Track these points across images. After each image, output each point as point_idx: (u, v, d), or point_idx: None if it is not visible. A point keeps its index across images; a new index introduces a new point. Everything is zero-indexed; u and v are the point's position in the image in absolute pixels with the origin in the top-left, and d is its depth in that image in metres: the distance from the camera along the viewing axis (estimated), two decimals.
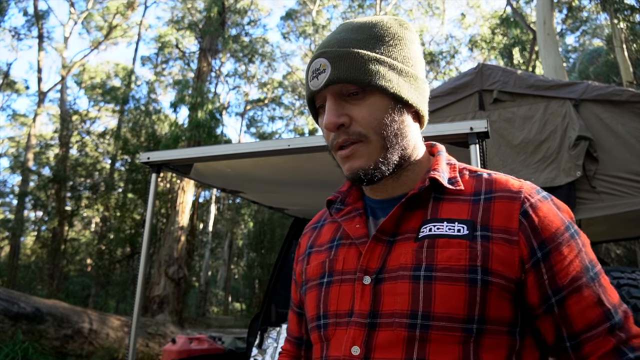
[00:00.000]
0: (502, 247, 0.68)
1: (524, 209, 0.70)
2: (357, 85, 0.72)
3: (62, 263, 14.72)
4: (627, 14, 11.21)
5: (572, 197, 3.34)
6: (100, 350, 6.80)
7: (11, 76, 18.36)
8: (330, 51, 0.73)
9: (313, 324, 0.80)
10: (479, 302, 0.66)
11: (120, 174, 17.23)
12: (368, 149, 0.73)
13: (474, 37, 18.75)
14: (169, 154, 2.64)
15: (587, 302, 0.67)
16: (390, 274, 0.71)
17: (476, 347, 0.66)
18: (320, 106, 0.78)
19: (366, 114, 0.73)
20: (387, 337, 0.68)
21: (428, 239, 0.71)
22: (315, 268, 0.82)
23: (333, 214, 0.84)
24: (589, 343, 0.67)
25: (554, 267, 0.68)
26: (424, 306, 0.67)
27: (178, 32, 16.40)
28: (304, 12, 21.31)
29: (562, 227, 0.70)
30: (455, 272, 0.67)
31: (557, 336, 0.69)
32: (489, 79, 3.78)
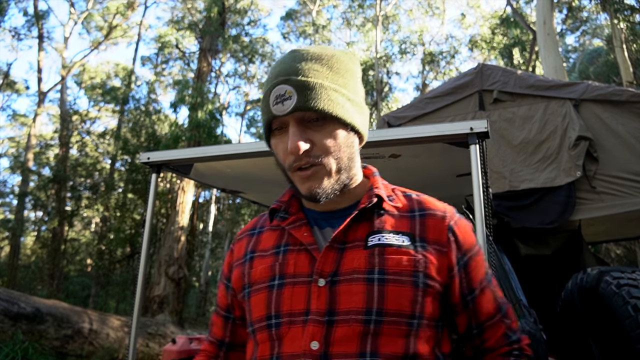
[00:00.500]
0: (436, 256, 0.83)
1: (450, 226, 0.87)
2: (321, 114, 0.80)
3: (62, 263, 14.72)
4: (627, 14, 11.21)
5: (572, 197, 3.34)
6: (100, 350, 6.80)
7: (11, 76, 18.36)
8: (295, 80, 0.80)
9: (261, 324, 0.84)
10: (420, 302, 0.80)
11: (120, 174, 17.22)
12: (326, 172, 0.82)
13: (474, 37, 18.75)
14: (169, 154, 2.64)
15: (488, 299, 0.88)
16: (344, 276, 0.80)
17: (415, 339, 0.79)
18: (276, 128, 0.84)
19: (327, 141, 0.82)
20: (344, 332, 0.77)
21: (378, 247, 0.82)
22: (263, 271, 0.87)
23: (279, 222, 0.90)
24: (489, 330, 0.87)
25: (470, 272, 0.86)
26: (378, 304, 0.78)
27: (178, 32, 16.39)
28: (304, 12, 21.31)
29: (475, 242, 0.89)
30: (403, 276, 0.80)
31: (467, 326, 0.87)
32: (489, 79, 3.78)
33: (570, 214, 3.31)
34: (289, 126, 0.81)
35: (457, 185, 2.84)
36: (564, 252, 3.46)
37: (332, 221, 0.88)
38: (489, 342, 0.87)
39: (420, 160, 2.50)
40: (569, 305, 2.46)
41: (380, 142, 2.12)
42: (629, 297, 1.99)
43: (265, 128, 0.86)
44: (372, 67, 18.10)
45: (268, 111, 0.83)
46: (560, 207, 3.33)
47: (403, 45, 19.41)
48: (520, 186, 3.47)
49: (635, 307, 1.95)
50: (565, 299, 2.50)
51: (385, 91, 19.41)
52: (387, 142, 2.13)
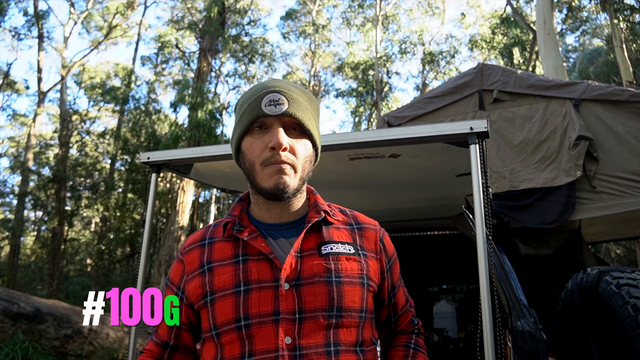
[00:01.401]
0: (373, 262, 1.04)
1: (380, 237, 1.08)
2: (303, 127, 0.97)
3: (62, 263, 14.72)
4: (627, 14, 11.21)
5: (572, 197, 3.34)
6: (100, 350, 6.79)
7: (11, 76, 18.33)
8: (288, 93, 0.96)
9: (229, 327, 0.93)
10: (365, 299, 0.98)
11: (120, 174, 17.22)
12: (294, 172, 0.96)
13: (474, 37, 18.74)
14: (169, 154, 2.64)
15: (401, 294, 1.15)
16: (307, 280, 0.94)
17: (362, 329, 0.98)
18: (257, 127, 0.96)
19: (302, 149, 0.97)
20: (312, 327, 0.91)
21: (331, 255, 0.98)
22: (227, 279, 0.96)
23: (235, 234, 1.00)
24: (402, 317, 1.16)
25: (393, 273, 1.10)
26: (338, 302, 0.94)
27: (178, 32, 16.39)
28: (304, 12, 21.30)
29: (394, 250, 1.12)
30: (354, 278, 0.97)
31: (387, 316, 1.13)
32: (489, 79, 3.78)
33: (570, 214, 3.30)
34: (273, 126, 0.95)
35: (457, 185, 2.84)
36: (564, 252, 3.46)
37: (284, 232, 1.02)
38: (401, 327, 1.16)
39: (420, 160, 2.50)
40: (569, 305, 2.46)
41: (380, 141, 2.12)
42: (629, 297, 1.99)
43: (247, 126, 0.96)
44: (372, 67, 18.10)
45: (258, 110, 0.95)
46: (560, 207, 3.33)
47: (403, 45, 19.41)
48: (520, 186, 3.47)
49: (635, 307, 1.95)
50: (565, 299, 2.50)
51: (385, 91, 19.40)
52: (387, 141, 2.12)
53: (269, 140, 0.93)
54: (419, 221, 3.90)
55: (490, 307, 1.82)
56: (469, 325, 4.11)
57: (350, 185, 2.99)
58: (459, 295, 5.35)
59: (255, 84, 1.04)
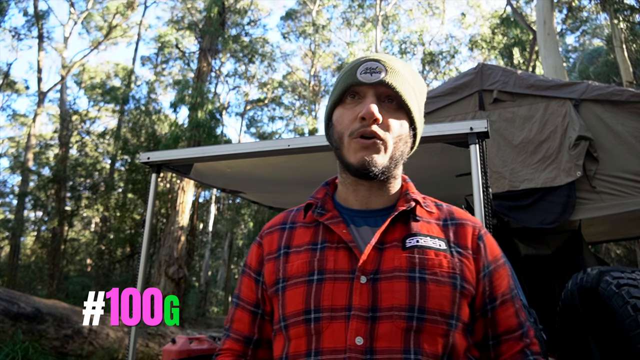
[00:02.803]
0: (470, 261, 0.87)
1: (480, 235, 0.92)
2: (398, 97, 0.86)
3: (62, 263, 14.72)
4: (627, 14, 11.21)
5: (572, 197, 3.34)
6: (100, 350, 6.79)
7: (11, 76, 18.34)
8: (387, 63, 0.87)
9: (297, 318, 0.83)
10: (457, 303, 0.82)
11: (120, 174, 17.22)
12: (384, 149, 0.85)
13: (474, 37, 18.74)
14: (169, 154, 2.64)
15: (508, 313, 0.89)
16: (385, 274, 0.82)
17: (453, 340, 0.81)
18: (349, 96, 0.88)
19: (395, 124, 0.87)
20: (387, 328, 0.78)
21: (417, 248, 0.85)
22: (300, 266, 0.87)
23: (316, 217, 0.91)
24: (505, 344, 0.88)
25: (494, 282, 0.89)
26: (420, 302, 0.80)
27: (178, 32, 16.39)
28: (304, 12, 21.30)
29: (500, 255, 0.93)
30: (442, 277, 0.83)
31: (484, 335, 0.89)
32: (489, 79, 3.77)
33: (570, 214, 3.30)
34: (366, 96, 0.86)
35: (457, 185, 2.84)
36: (564, 252, 3.46)
37: (369, 220, 0.90)
38: (503, 357, 0.88)
39: (420, 160, 2.50)
40: (569, 305, 2.46)
41: None
42: (629, 297, 1.99)
43: (339, 95, 0.89)
44: None
45: (352, 78, 0.87)
46: (560, 207, 3.33)
47: (403, 45, 19.41)
48: (520, 186, 3.47)
49: (635, 307, 1.95)
50: (565, 299, 2.50)
51: None
52: None
53: (360, 111, 0.84)
54: None
55: None
56: None
57: None
58: None
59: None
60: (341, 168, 0.93)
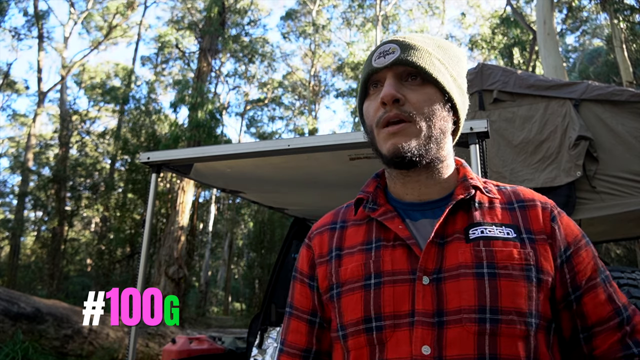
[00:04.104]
0: (545, 248, 0.76)
1: (553, 216, 0.80)
2: (420, 71, 0.77)
3: (62, 263, 14.72)
4: (627, 14, 11.21)
5: (572, 197, 3.34)
6: (100, 350, 6.79)
7: (11, 76, 18.35)
8: (402, 41, 0.80)
9: (357, 328, 0.76)
10: (535, 299, 0.72)
11: (120, 174, 17.22)
12: (415, 131, 0.76)
13: (474, 37, 18.75)
14: (169, 154, 2.64)
15: (599, 300, 0.76)
16: (450, 272, 0.73)
17: (536, 342, 0.71)
18: (372, 86, 0.82)
19: (422, 99, 0.77)
20: (457, 334, 0.69)
21: (482, 240, 0.75)
22: (355, 270, 0.79)
23: (368, 213, 0.83)
24: (600, 336, 0.76)
25: (575, 267, 0.77)
26: (492, 301, 0.70)
27: (178, 32, 16.39)
28: (304, 12, 21.31)
29: (580, 235, 0.81)
30: (515, 270, 0.72)
31: (572, 330, 0.77)
32: (489, 79, 3.78)
33: (570, 214, 3.31)
34: (385, 81, 0.78)
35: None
36: None
37: (426, 212, 0.81)
38: (599, 350, 0.76)
39: None
40: None
41: None
42: (629, 297, 2.00)
43: (362, 88, 0.83)
44: None
45: (368, 66, 0.81)
46: (560, 207, 3.32)
47: None
48: None
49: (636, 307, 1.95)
50: None
51: None
52: None
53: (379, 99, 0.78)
54: None
55: None
56: None
57: (350, 185, 2.99)
58: None
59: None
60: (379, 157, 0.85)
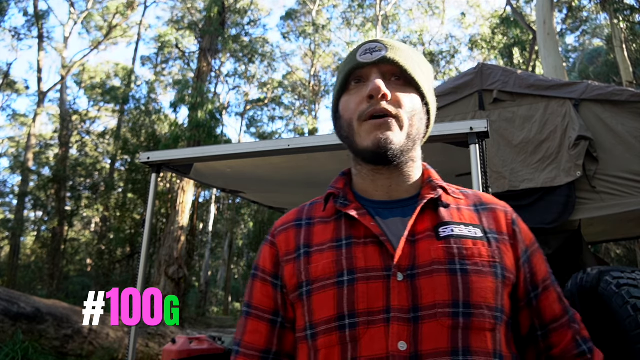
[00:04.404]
0: (507, 248, 0.81)
1: (513, 219, 0.86)
2: (404, 73, 0.81)
3: (62, 263, 14.72)
4: (627, 14, 11.22)
5: (572, 197, 3.34)
6: (100, 350, 6.79)
7: (11, 76, 18.36)
8: (387, 41, 0.82)
9: (329, 325, 0.75)
10: (500, 294, 0.76)
11: (120, 174, 17.23)
12: (399, 125, 0.79)
13: (474, 37, 18.75)
14: (169, 154, 2.64)
15: (552, 298, 0.83)
16: (424, 269, 0.75)
17: (500, 335, 0.75)
18: (354, 81, 0.83)
19: (408, 101, 0.81)
20: (432, 329, 0.71)
21: (453, 238, 0.78)
22: (327, 267, 0.78)
23: (340, 208, 0.83)
24: (555, 333, 0.82)
25: (533, 268, 0.83)
26: (464, 296, 0.73)
27: (178, 32, 16.39)
28: (304, 12, 21.31)
29: (534, 239, 0.87)
30: (484, 267, 0.76)
31: (530, 326, 0.82)
32: (489, 79, 3.78)
33: (570, 214, 3.31)
34: (370, 77, 0.80)
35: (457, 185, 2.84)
36: (564, 252, 3.46)
37: (395, 211, 0.83)
38: (558, 349, 0.81)
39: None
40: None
41: None
42: (629, 297, 1.99)
43: (343, 81, 0.84)
44: None
45: (353, 61, 0.82)
46: (560, 207, 3.33)
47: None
48: (520, 186, 3.47)
49: (635, 307, 1.95)
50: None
51: None
52: None
53: (366, 92, 0.78)
54: None
55: None
56: None
57: None
58: None
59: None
60: (355, 160, 0.86)
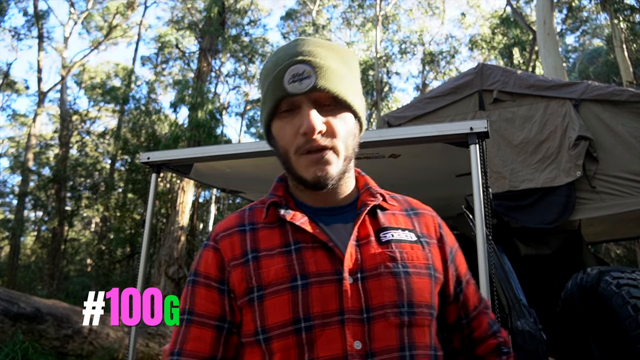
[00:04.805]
0: (436, 250, 0.89)
1: (439, 223, 0.94)
2: (339, 99, 0.79)
3: (62, 263, 14.73)
4: (627, 14, 11.22)
5: (572, 197, 3.34)
6: (100, 350, 6.79)
7: (11, 76, 18.33)
8: (315, 61, 0.78)
9: (285, 329, 0.76)
10: (433, 293, 0.84)
11: (120, 174, 17.22)
12: (335, 157, 0.80)
13: (474, 37, 18.74)
14: (169, 154, 2.64)
15: (472, 290, 0.96)
16: (371, 272, 0.80)
17: (433, 330, 0.84)
18: (284, 110, 0.80)
19: (340, 125, 0.80)
20: (382, 328, 0.77)
21: (394, 242, 0.84)
22: (280, 271, 0.79)
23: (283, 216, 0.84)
24: (475, 320, 0.94)
25: (458, 267, 0.93)
26: (408, 296, 0.80)
27: (178, 32, 16.39)
28: (304, 12, 21.30)
29: (455, 240, 0.97)
30: (421, 269, 0.84)
31: (457, 317, 0.93)
32: (489, 79, 3.78)
33: (570, 214, 3.31)
34: (302, 107, 0.78)
35: (457, 185, 2.84)
36: (564, 252, 3.46)
37: (337, 217, 0.86)
38: (477, 332, 0.94)
39: (420, 160, 2.50)
40: (569, 305, 2.46)
41: (380, 142, 2.12)
42: (629, 297, 1.99)
43: (272, 109, 0.81)
44: (372, 67, 18.10)
45: (281, 89, 0.78)
46: (560, 207, 3.33)
47: (403, 45, 19.42)
48: (520, 186, 3.47)
49: (635, 307, 1.95)
50: (565, 299, 2.50)
51: (385, 91, 19.41)
52: (387, 142, 2.13)
53: (300, 124, 0.77)
54: None
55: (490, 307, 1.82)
56: None
57: None
58: None
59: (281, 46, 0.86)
60: (291, 177, 0.86)
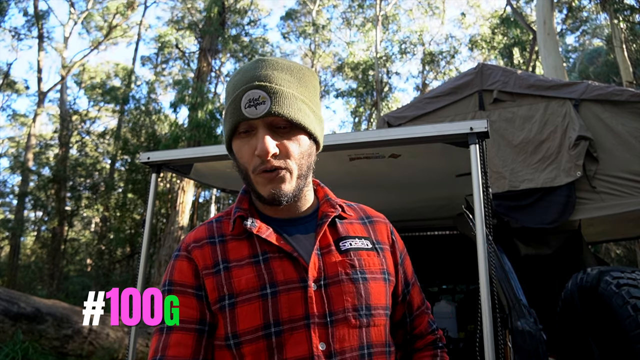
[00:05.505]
0: (389, 255, 0.99)
1: (391, 230, 1.04)
2: (290, 122, 0.85)
3: (62, 263, 14.73)
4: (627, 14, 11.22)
5: (572, 197, 3.34)
6: (100, 350, 6.79)
7: (11, 76, 18.32)
8: (270, 86, 0.84)
9: (256, 334, 0.83)
10: (387, 295, 0.94)
11: (120, 174, 17.22)
12: (289, 176, 0.87)
13: (474, 37, 18.74)
14: (169, 154, 2.64)
15: (417, 291, 1.06)
16: (332, 279, 0.88)
17: (387, 328, 0.93)
18: (242, 131, 0.87)
19: (294, 147, 0.87)
20: (344, 330, 0.85)
21: (352, 250, 0.93)
22: (250, 280, 0.86)
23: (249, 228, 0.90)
24: (418, 318, 1.05)
25: (406, 269, 1.04)
26: (366, 300, 0.88)
27: (178, 32, 16.38)
28: (304, 12, 21.29)
29: (404, 245, 1.07)
30: (377, 274, 0.93)
31: (402, 315, 1.04)
32: (489, 79, 3.78)
33: (570, 214, 3.31)
34: (258, 130, 0.85)
35: (457, 185, 2.84)
36: (564, 252, 3.46)
37: (299, 227, 0.94)
38: (418, 329, 1.05)
39: (420, 160, 2.50)
40: (569, 305, 2.46)
41: (380, 142, 2.12)
42: (629, 297, 1.99)
43: (231, 130, 0.87)
44: (372, 67, 18.10)
45: (238, 113, 0.85)
46: (560, 207, 3.33)
47: (403, 45, 19.41)
48: (520, 186, 3.47)
49: (635, 307, 1.95)
50: (565, 299, 2.50)
51: (385, 91, 19.40)
52: (387, 142, 2.12)
53: (255, 146, 0.84)
54: (419, 221, 3.90)
55: (490, 307, 1.82)
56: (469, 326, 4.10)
57: (350, 185, 2.99)
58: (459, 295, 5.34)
59: (242, 67, 0.91)
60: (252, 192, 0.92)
